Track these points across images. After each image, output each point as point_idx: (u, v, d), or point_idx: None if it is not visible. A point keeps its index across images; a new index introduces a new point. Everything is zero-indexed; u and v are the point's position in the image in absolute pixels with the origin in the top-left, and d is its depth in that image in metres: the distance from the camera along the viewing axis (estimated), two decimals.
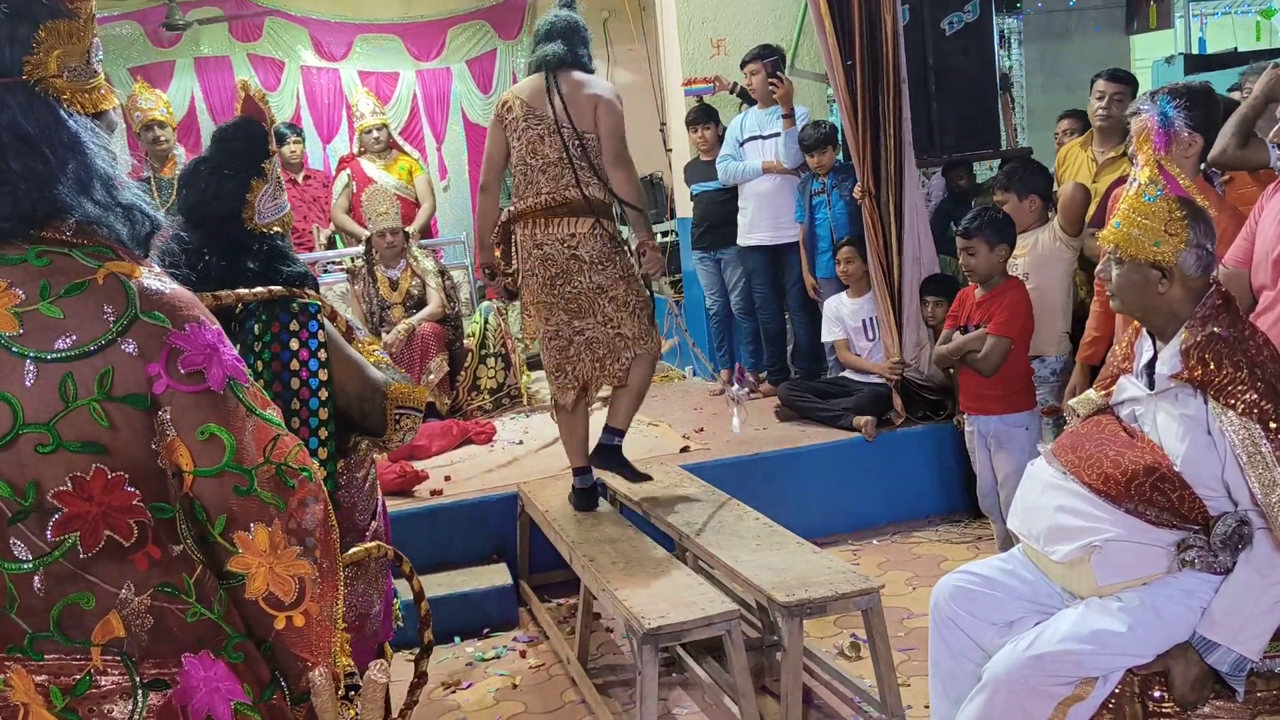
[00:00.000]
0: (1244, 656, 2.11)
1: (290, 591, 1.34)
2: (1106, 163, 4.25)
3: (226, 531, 1.31)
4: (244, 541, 1.31)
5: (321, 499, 1.39)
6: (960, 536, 4.53)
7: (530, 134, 3.65)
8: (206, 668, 1.31)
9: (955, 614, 2.38)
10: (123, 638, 1.27)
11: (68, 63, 1.28)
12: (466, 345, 5.75)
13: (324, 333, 2.03)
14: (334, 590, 1.39)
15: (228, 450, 1.29)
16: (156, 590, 1.29)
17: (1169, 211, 2.20)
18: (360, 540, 2.18)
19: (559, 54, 3.69)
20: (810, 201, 5.30)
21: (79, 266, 1.25)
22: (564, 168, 3.64)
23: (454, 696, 3.51)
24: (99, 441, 1.23)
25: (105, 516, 1.25)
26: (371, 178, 6.47)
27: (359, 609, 2.23)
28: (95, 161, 1.30)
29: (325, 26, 8.31)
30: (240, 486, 1.30)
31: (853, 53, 4.53)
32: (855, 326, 5.02)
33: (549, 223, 3.68)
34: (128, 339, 1.24)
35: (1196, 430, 2.15)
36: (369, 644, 2.27)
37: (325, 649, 1.38)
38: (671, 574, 3.01)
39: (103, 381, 1.23)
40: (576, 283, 3.71)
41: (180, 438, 1.28)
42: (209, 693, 1.30)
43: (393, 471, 4.49)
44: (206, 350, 1.29)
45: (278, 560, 1.33)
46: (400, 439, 2.18)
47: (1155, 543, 2.17)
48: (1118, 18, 9.29)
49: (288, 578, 1.33)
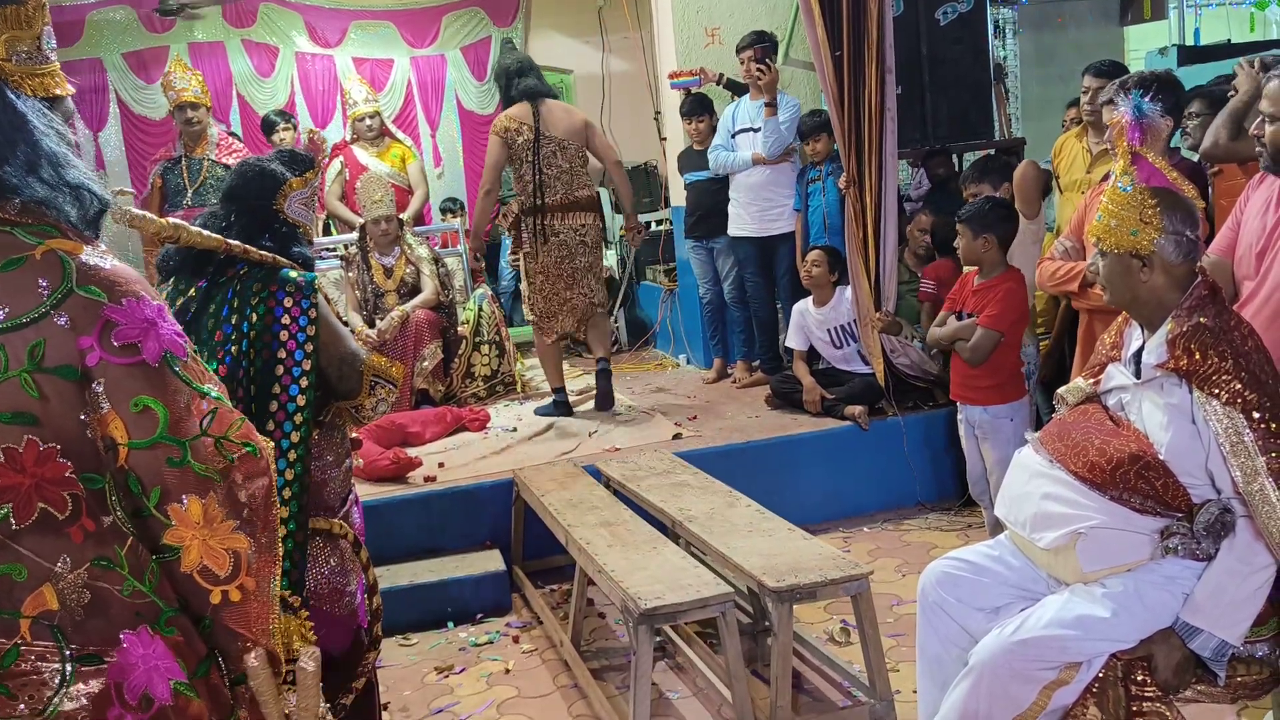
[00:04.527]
0: (1226, 642, 2.15)
1: (225, 565, 1.34)
2: (1100, 154, 4.28)
3: (161, 504, 1.32)
4: (177, 514, 1.32)
5: (267, 475, 1.40)
6: (950, 524, 4.56)
7: (544, 150, 4.94)
8: (145, 645, 1.31)
9: (943, 600, 2.41)
10: (55, 611, 1.28)
11: (17, 48, 1.32)
12: (461, 332, 5.76)
13: (317, 300, 2.15)
14: (272, 566, 1.40)
15: (161, 422, 1.31)
16: (92, 565, 1.30)
17: (1142, 201, 2.25)
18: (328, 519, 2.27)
19: (541, 88, 5.02)
20: (805, 189, 5.32)
21: (19, 243, 1.28)
22: (574, 174, 5.00)
23: (447, 681, 3.54)
24: (30, 412, 1.25)
25: (38, 488, 1.26)
26: (364, 165, 6.47)
27: (334, 583, 2.29)
28: (43, 142, 1.32)
29: (320, 13, 8.28)
30: (174, 458, 1.31)
31: (841, 43, 4.53)
32: (821, 337, 4.99)
33: (565, 216, 5.01)
34: (60, 312, 1.27)
35: (1181, 419, 2.18)
36: (346, 622, 2.31)
37: (263, 626, 1.38)
38: (667, 557, 3.04)
39: (34, 353, 1.25)
40: (578, 261, 5.06)
41: (114, 410, 1.29)
42: (147, 670, 1.31)
43: (387, 458, 4.50)
44: (143, 324, 1.31)
45: (212, 533, 1.33)
46: (374, 408, 2.29)
47: (1139, 530, 2.21)
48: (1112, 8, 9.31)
49: (222, 551, 1.34)
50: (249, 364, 2.09)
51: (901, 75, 4.86)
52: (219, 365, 2.10)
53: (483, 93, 8.62)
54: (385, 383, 2.29)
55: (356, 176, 6.24)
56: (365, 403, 2.26)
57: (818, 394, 4.87)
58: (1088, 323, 3.65)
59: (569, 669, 3.49)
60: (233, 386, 2.09)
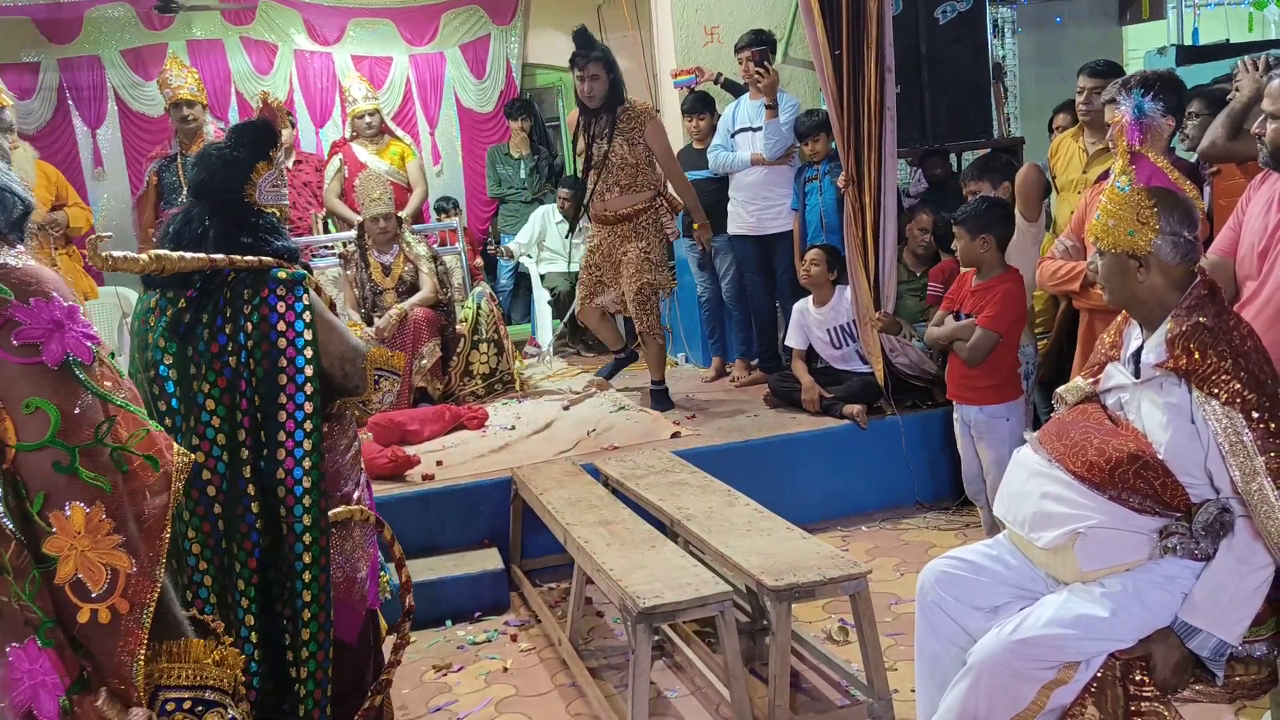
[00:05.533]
0: (1224, 641, 2.15)
1: (100, 581, 1.27)
2: (1097, 154, 4.28)
3: (44, 509, 1.27)
4: (59, 521, 1.27)
5: (165, 494, 1.33)
6: (948, 523, 4.56)
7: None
8: (32, 660, 1.26)
9: (941, 599, 2.42)
10: None
11: None
12: (459, 331, 5.75)
13: (309, 297, 2.13)
14: (149, 593, 1.30)
15: (52, 424, 1.27)
16: None
17: (1140, 202, 2.26)
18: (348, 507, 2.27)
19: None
20: (804, 188, 5.32)
21: None
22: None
23: (445, 680, 3.54)
24: None
25: None
26: (363, 163, 6.46)
27: (347, 571, 2.30)
28: None
29: (318, 10, 8.26)
30: (61, 463, 1.27)
31: (840, 42, 4.53)
32: (821, 337, 4.99)
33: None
34: None
35: (1180, 419, 2.18)
36: (358, 608, 2.32)
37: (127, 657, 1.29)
38: (666, 556, 3.04)
39: None
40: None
41: (6, 409, 1.26)
42: (32, 686, 1.26)
43: (384, 456, 4.50)
44: (48, 325, 1.28)
45: (93, 545, 1.27)
46: (380, 400, 2.29)
47: (1138, 529, 2.21)
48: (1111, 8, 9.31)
49: (100, 565, 1.27)
50: (249, 374, 2.07)
51: (900, 74, 4.85)
52: (217, 378, 2.08)
53: (481, 91, 8.60)
54: (389, 374, 2.28)
55: (355, 174, 6.23)
56: (372, 398, 2.25)
57: (816, 393, 4.87)
58: (1088, 322, 3.65)
59: (567, 668, 3.49)
60: (235, 399, 2.07)
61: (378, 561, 2.47)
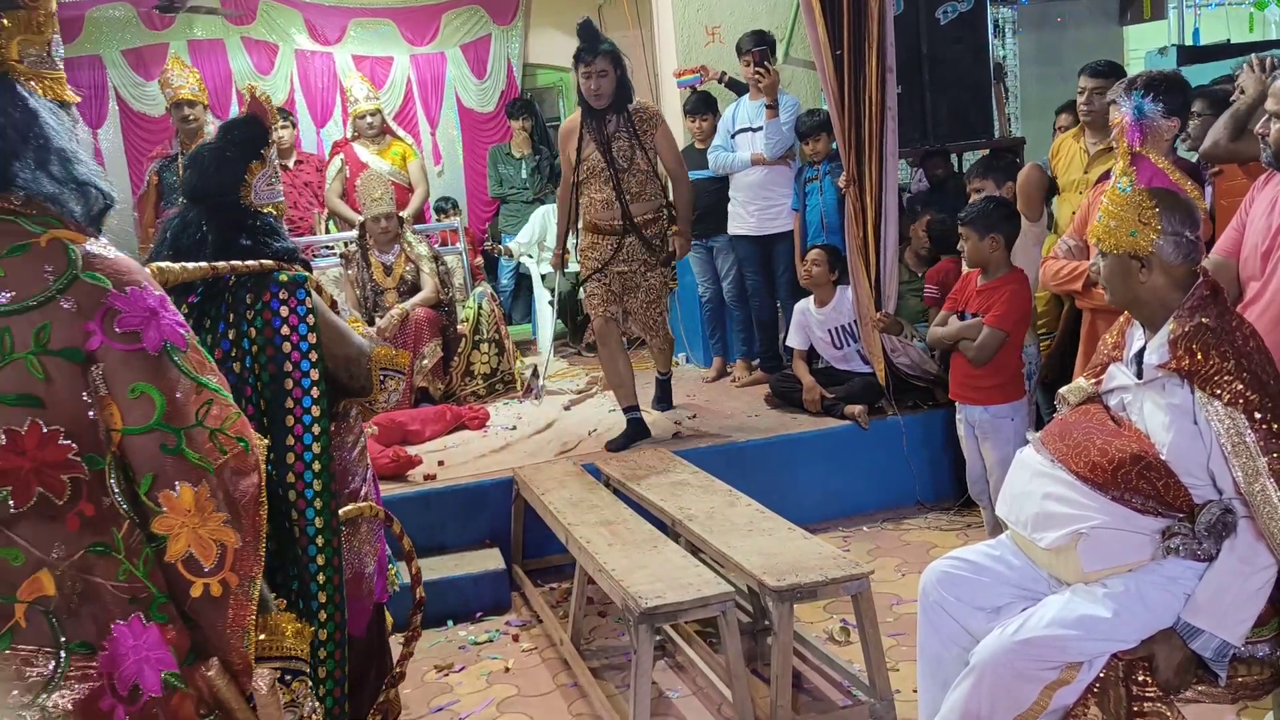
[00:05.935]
0: (1227, 642, 2.15)
1: (211, 556, 1.33)
2: (1098, 154, 4.28)
3: (152, 490, 1.32)
4: (169, 500, 1.32)
5: (257, 473, 1.39)
6: (950, 523, 4.56)
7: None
8: (137, 635, 1.31)
9: (943, 599, 2.41)
10: (51, 597, 1.28)
11: (28, 50, 1.35)
12: (460, 331, 5.75)
13: (311, 301, 2.12)
14: (255, 566, 1.38)
15: (157, 408, 1.31)
16: (87, 552, 1.30)
17: (1141, 202, 2.26)
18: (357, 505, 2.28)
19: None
20: (804, 188, 5.31)
21: (23, 231, 1.30)
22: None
23: (446, 680, 3.54)
24: (34, 394, 1.26)
25: (38, 472, 1.27)
26: (365, 162, 6.45)
27: (354, 567, 2.31)
28: (54, 139, 1.35)
29: (319, 10, 8.26)
30: (168, 445, 1.32)
31: (841, 42, 4.52)
32: (822, 337, 4.98)
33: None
34: (67, 296, 1.28)
35: (1183, 419, 2.18)
36: (365, 603, 2.34)
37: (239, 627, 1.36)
38: (667, 556, 3.04)
39: (39, 335, 1.27)
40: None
41: (111, 395, 1.30)
42: (137, 661, 1.30)
43: (386, 456, 4.50)
44: (145, 313, 1.32)
45: (202, 522, 1.33)
46: (386, 400, 2.30)
47: (1141, 530, 2.21)
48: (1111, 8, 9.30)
49: (210, 541, 1.33)
50: (255, 379, 2.07)
51: (901, 74, 4.84)
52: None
53: (482, 91, 8.60)
54: (394, 373, 2.28)
55: (357, 174, 6.23)
56: (378, 398, 2.26)
57: (817, 393, 4.87)
58: (1091, 322, 3.65)
59: (569, 668, 3.49)
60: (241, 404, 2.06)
61: (385, 556, 2.48)
